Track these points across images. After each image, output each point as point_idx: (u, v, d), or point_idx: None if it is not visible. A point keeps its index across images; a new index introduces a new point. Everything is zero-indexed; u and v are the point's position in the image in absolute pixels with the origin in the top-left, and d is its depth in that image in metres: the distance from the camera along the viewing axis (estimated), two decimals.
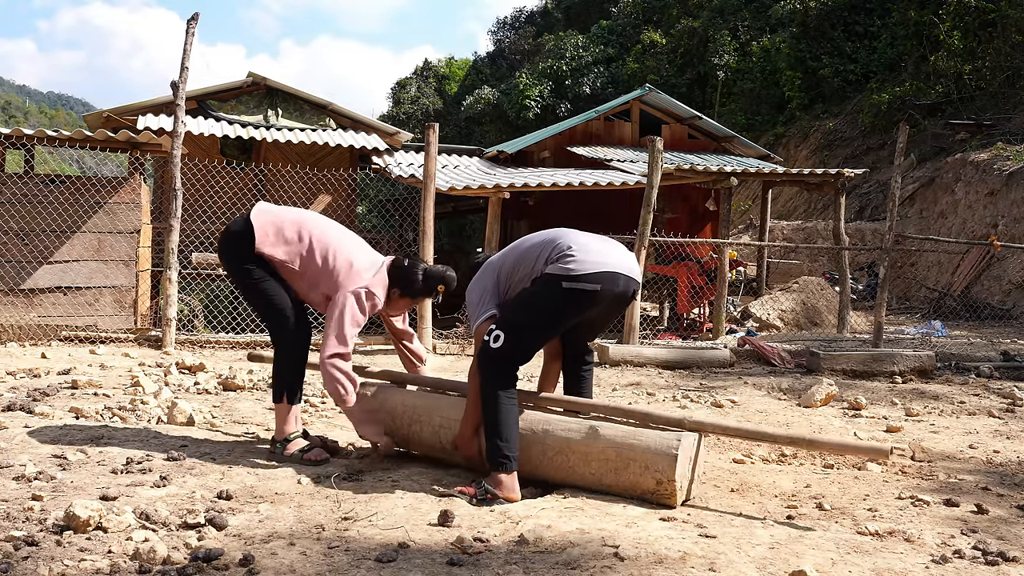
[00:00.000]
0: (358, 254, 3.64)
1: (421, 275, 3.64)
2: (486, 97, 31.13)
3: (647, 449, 3.01)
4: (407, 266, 3.66)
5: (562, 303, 3.22)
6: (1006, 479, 3.64)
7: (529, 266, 3.32)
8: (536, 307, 3.26)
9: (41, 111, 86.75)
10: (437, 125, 8.57)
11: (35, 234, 7.93)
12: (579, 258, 3.21)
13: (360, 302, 3.52)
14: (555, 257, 3.25)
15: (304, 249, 3.57)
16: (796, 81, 23.68)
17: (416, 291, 3.65)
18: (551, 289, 3.20)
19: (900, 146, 8.63)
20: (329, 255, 3.56)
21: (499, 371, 3.20)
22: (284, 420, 3.63)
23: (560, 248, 3.26)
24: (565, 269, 3.19)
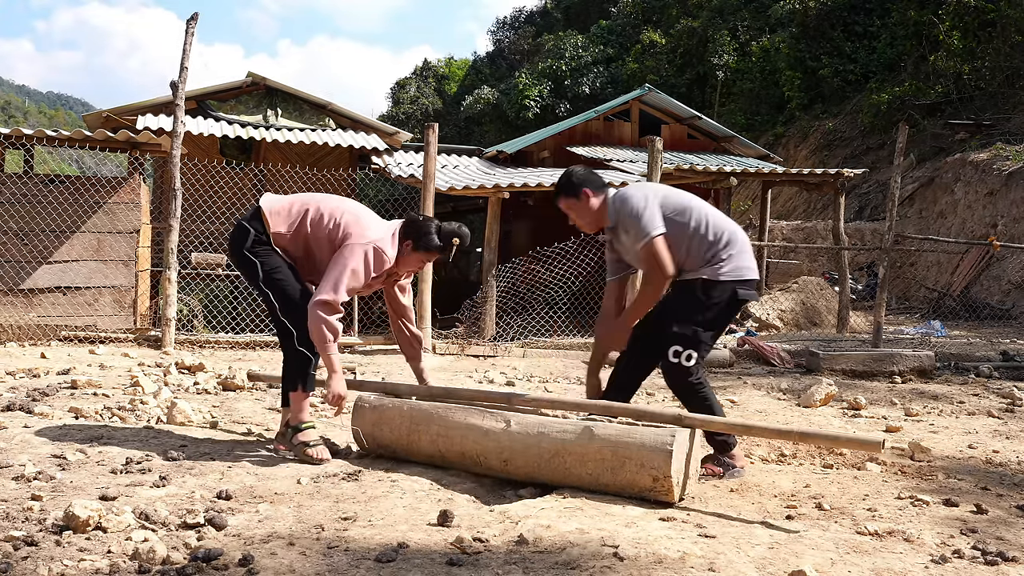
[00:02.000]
0: (366, 215, 3.61)
1: (436, 228, 3.59)
2: (486, 97, 31.12)
3: (642, 447, 3.01)
4: (422, 220, 3.63)
5: (734, 311, 3.49)
6: (1005, 479, 3.64)
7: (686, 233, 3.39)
8: (718, 320, 3.46)
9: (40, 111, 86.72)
10: (437, 125, 8.58)
11: (35, 234, 7.93)
12: (747, 262, 3.45)
13: (366, 257, 3.44)
14: (723, 253, 3.39)
15: (311, 218, 3.54)
16: (796, 81, 23.68)
17: (430, 243, 3.57)
18: (726, 296, 3.40)
19: (900, 146, 8.63)
20: (336, 216, 3.53)
21: (696, 378, 3.44)
22: (300, 408, 3.61)
23: (724, 243, 3.40)
24: (739, 275, 3.39)
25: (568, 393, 5.98)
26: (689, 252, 3.42)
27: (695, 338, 3.43)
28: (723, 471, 3.48)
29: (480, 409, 3.46)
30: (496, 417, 3.36)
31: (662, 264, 3.32)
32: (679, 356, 3.42)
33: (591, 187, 3.51)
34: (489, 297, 9.49)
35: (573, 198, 3.54)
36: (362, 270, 3.44)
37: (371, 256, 3.45)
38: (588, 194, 3.50)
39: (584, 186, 3.51)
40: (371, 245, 3.46)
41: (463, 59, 41.54)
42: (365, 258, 3.44)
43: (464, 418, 3.42)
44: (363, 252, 3.44)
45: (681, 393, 3.53)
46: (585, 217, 3.58)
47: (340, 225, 3.51)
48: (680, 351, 3.41)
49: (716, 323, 3.48)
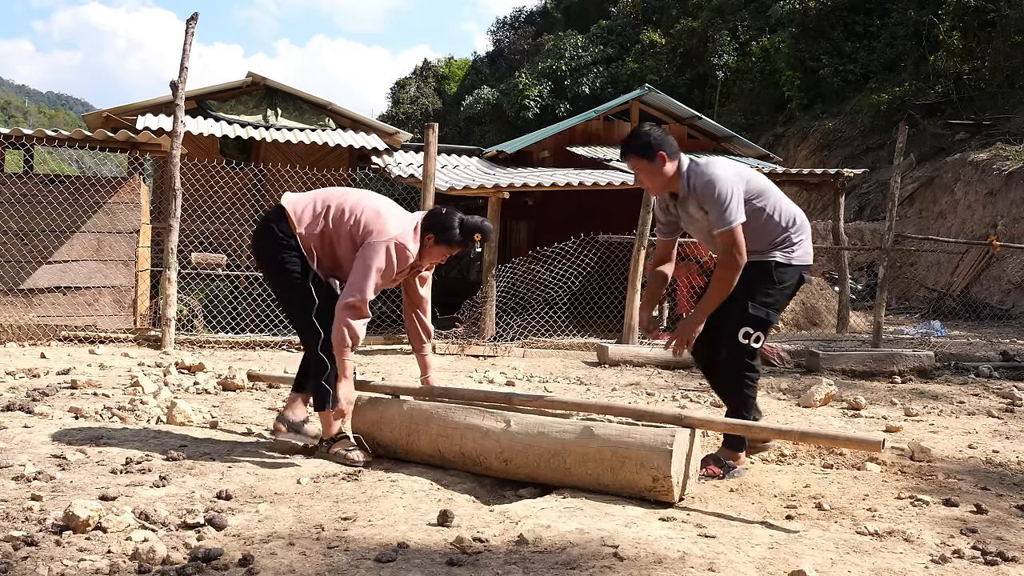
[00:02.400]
0: (388, 209, 3.57)
1: (458, 222, 3.57)
2: (485, 97, 31.12)
3: (642, 446, 3.01)
4: (444, 213, 3.60)
5: (793, 296, 3.50)
6: (1005, 479, 3.64)
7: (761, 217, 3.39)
8: (783, 304, 3.45)
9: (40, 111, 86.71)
10: (436, 125, 8.58)
11: (34, 234, 7.93)
12: (810, 247, 3.47)
13: (388, 254, 3.42)
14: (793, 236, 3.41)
15: (333, 215, 3.52)
16: (795, 81, 23.67)
17: (452, 238, 3.55)
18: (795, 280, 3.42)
19: (899, 146, 8.63)
20: (357, 212, 3.50)
21: (752, 364, 3.41)
22: (330, 424, 3.61)
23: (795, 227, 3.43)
24: (805, 260, 3.44)
25: (568, 393, 5.98)
26: (760, 235, 3.42)
27: (767, 320, 3.43)
28: (723, 472, 3.46)
29: (480, 409, 3.46)
30: (496, 417, 3.36)
31: (741, 253, 3.30)
32: (748, 338, 3.38)
33: (668, 151, 3.40)
34: (489, 297, 9.49)
35: (646, 159, 3.41)
36: (385, 267, 3.43)
37: (393, 252, 3.43)
38: (664, 158, 3.39)
39: (661, 148, 3.39)
40: (392, 241, 3.43)
41: (463, 59, 41.55)
42: (388, 255, 3.42)
43: (464, 418, 3.42)
44: (385, 249, 3.42)
45: (731, 379, 3.48)
46: (654, 181, 3.46)
47: (361, 222, 3.49)
48: (751, 332, 3.38)
49: (781, 306, 3.49)
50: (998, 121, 17.75)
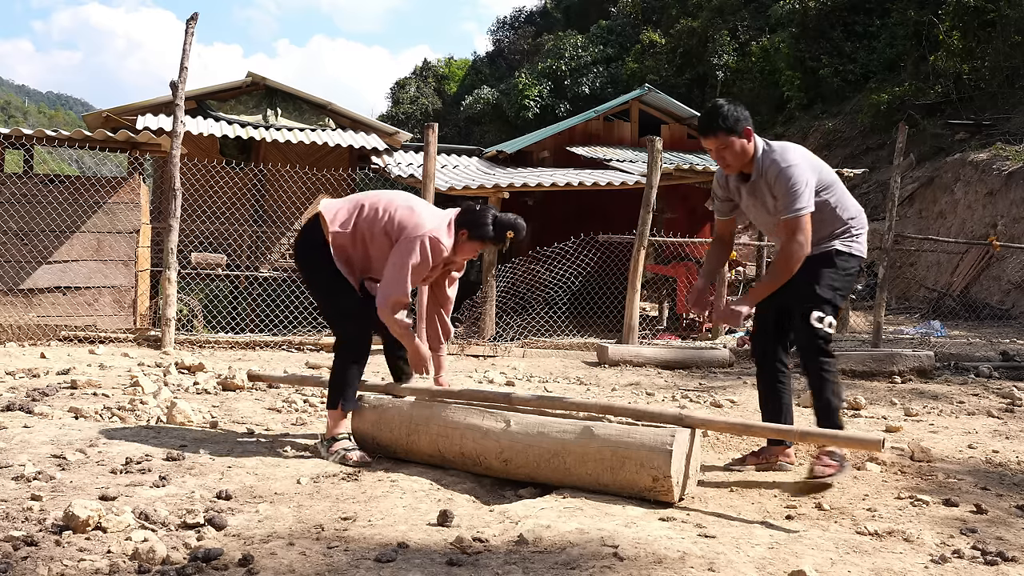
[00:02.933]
0: (421, 205, 3.62)
1: (492, 219, 3.59)
2: (485, 97, 31.12)
3: (642, 447, 3.01)
4: (478, 209, 3.64)
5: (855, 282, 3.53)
6: (1005, 479, 3.64)
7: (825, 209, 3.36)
8: (845, 289, 3.44)
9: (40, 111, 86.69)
10: (436, 125, 8.58)
11: (34, 234, 7.93)
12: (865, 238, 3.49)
13: (423, 248, 3.45)
14: (853, 230, 3.43)
15: (366, 214, 3.57)
16: (795, 81, 23.67)
17: (485, 233, 3.57)
18: (856, 269, 3.43)
19: (899, 146, 8.63)
20: (391, 209, 3.54)
21: (827, 350, 3.39)
22: (336, 423, 3.65)
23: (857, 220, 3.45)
24: (862, 252, 3.45)
25: (568, 393, 5.98)
26: (823, 226, 3.40)
27: (835, 304, 3.39)
28: (840, 463, 3.36)
29: (480, 409, 3.46)
30: (496, 417, 3.36)
31: (807, 240, 3.26)
32: (822, 321, 3.35)
33: (751, 126, 3.36)
34: (489, 297, 9.49)
35: (735, 135, 3.31)
36: (420, 262, 3.46)
37: (428, 246, 3.46)
38: (750, 134, 3.34)
39: (748, 124, 3.33)
40: (427, 235, 3.46)
41: (463, 59, 41.55)
42: (422, 249, 3.45)
43: (464, 418, 3.42)
44: (420, 244, 3.45)
45: (810, 368, 3.44)
46: (736, 158, 3.37)
47: (395, 219, 3.52)
48: (823, 316, 3.34)
49: (846, 293, 3.48)
50: (998, 121, 17.75)
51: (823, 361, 3.41)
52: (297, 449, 3.76)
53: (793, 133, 23.99)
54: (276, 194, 10.93)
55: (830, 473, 3.31)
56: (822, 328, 3.35)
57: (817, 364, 3.41)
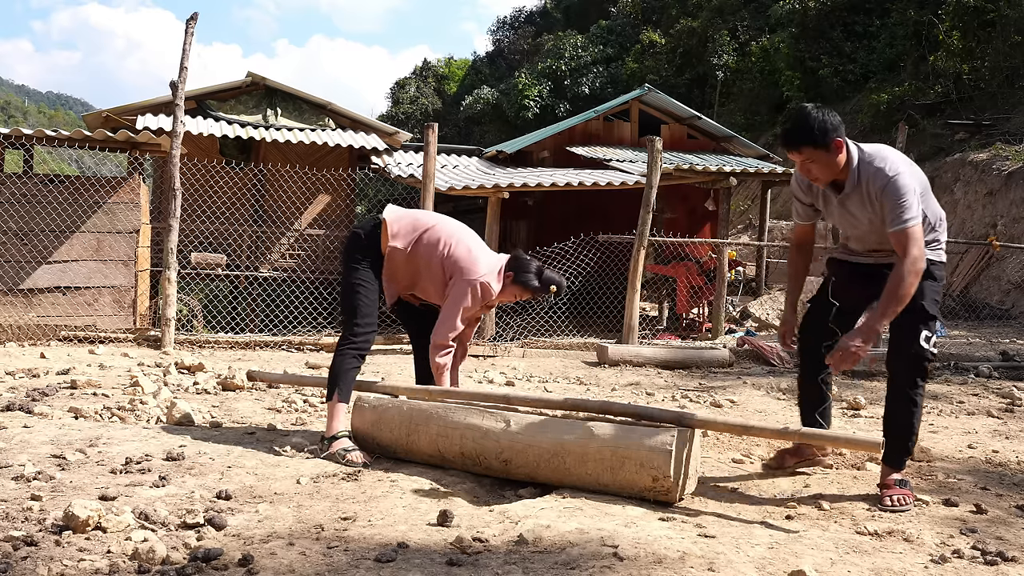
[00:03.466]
0: (478, 247, 3.83)
1: (536, 270, 3.82)
2: (485, 97, 31.12)
3: (641, 447, 3.01)
4: (527, 259, 3.88)
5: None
6: (1005, 479, 3.64)
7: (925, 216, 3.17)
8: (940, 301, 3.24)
9: (40, 111, 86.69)
10: (436, 125, 8.57)
11: (34, 234, 7.93)
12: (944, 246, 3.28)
13: (474, 293, 3.71)
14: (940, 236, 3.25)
15: (427, 239, 3.76)
16: (795, 81, 23.66)
17: (527, 282, 3.79)
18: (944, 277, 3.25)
19: (899, 146, 8.64)
20: (452, 243, 3.76)
21: (927, 371, 3.17)
22: (334, 417, 3.72)
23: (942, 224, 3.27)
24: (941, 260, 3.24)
25: (568, 393, 5.98)
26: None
27: (936, 319, 3.17)
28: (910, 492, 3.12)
29: (479, 409, 3.46)
30: (495, 417, 3.36)
31: (922, 253, 3.01)
32: (929, 341, 3.10)
33: (842, 135, 3.10)
34: None
35: (823, 149, 3.07)
36: (471, 304, 3.73)
37: (479, 292, 3.73)
38: (840, 145, 3.08)
39: (837, 134, 3.07)
40: (479, 281, 3.71)
41: (463, 59, 41.56)
42: (474, 293, 3.72)
43: (463, 418, 3.42)
44: (471, 288, 3.71)
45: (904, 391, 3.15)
46: (825, 172, 3.13)
47: (453, 256, 3.74)
48: (930, 335, 3.10)
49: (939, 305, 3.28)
50: (998, 121, 17.75)
51: (920, 385, 3.15)
52: (297, 449, 3.76)
53: None
54: (276, 194, 10.93)
55: (905, 505, 3.06)
56: (929, 348, 3.09)
57: (914, 388, 3.13)
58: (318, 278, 9.25)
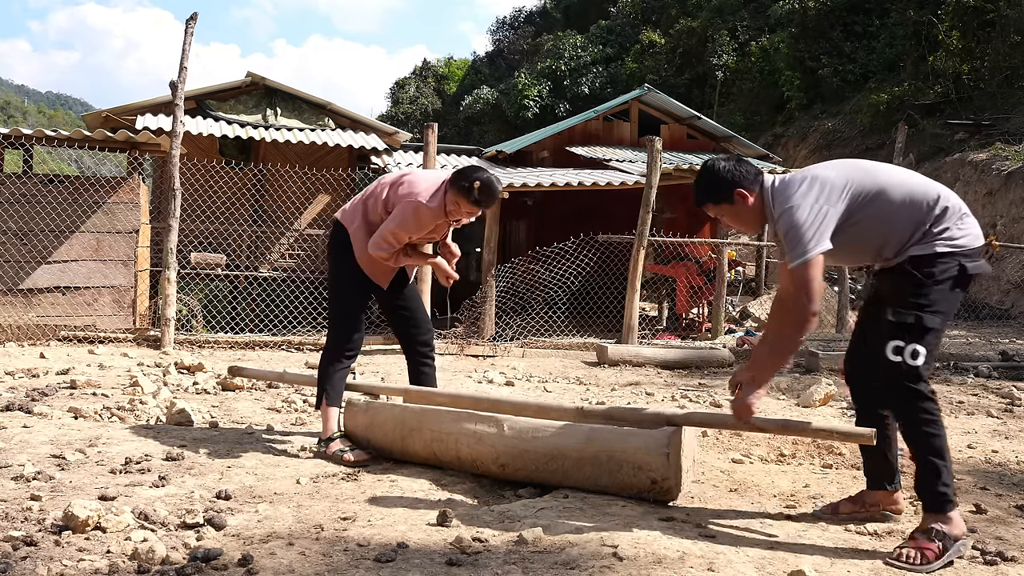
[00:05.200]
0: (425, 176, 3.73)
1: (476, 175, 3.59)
2: (485, 97, 31.13)
3: (638, 449, 3.00)
4: (474, 167, 3.70)
5: (962, 291, 2.67)
6: (1004, 479, 3.64)
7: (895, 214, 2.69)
8: (942, 300, 2.63)
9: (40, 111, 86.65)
10: (436, 125, 8.58)
11: (34, 234, 7.93)
12: (972, 230, 2.69)
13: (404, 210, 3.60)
14: (945, 227, 2.66)
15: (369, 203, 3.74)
16: (795, 81, 23.67)
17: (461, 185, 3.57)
18: (953, 273, 2.63)
19: (899, 146, 8.64)
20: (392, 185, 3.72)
21: (924, 392, 2.62)
22: (327, 419, 3.73)
23: (950, 213, 2.68)
24: (962, 246, 2.65)
25: (567, 393, 5.98)
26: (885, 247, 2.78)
27: (921, 325, 2.67)
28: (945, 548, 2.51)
29: (473, 413, 3.43)
30: (490, 422, 3.33)
31: (812, 298, 2.63)
32: (901, 353, 2.63)
33: (745, 184, 2.80)
34: (488, 297, 9.49)
35: (726, 203, 2.83)
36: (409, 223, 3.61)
37: (411, 210, 3.60)
38: (744, 195, 2.79)
39: (738, 186, 2.80)
40: (410, 200, 3.61)
41: (462, 59, 41.58)
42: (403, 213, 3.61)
43: (457, 423, 3.39)
44: (403, 208, 3.62)
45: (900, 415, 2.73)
46: (743, 221, 2.89)
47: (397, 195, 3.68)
48: (902, 346, 2.63)
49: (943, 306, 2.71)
50: (997, 121, 17.75)
51: (919, 406, 2.64)
52: (296, 449, 3.76)
53: (792, 133, 24.01)
54: (276, 194, 10.93)
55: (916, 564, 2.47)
56: (904, 361, 2.61)
57: (910, 410, 2.65)
58: (318, 278, 9.24)
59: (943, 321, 2.68)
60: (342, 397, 3.81)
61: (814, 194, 2.67)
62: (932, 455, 2.62)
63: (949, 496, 2.60)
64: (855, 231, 2.71)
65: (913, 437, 2.66)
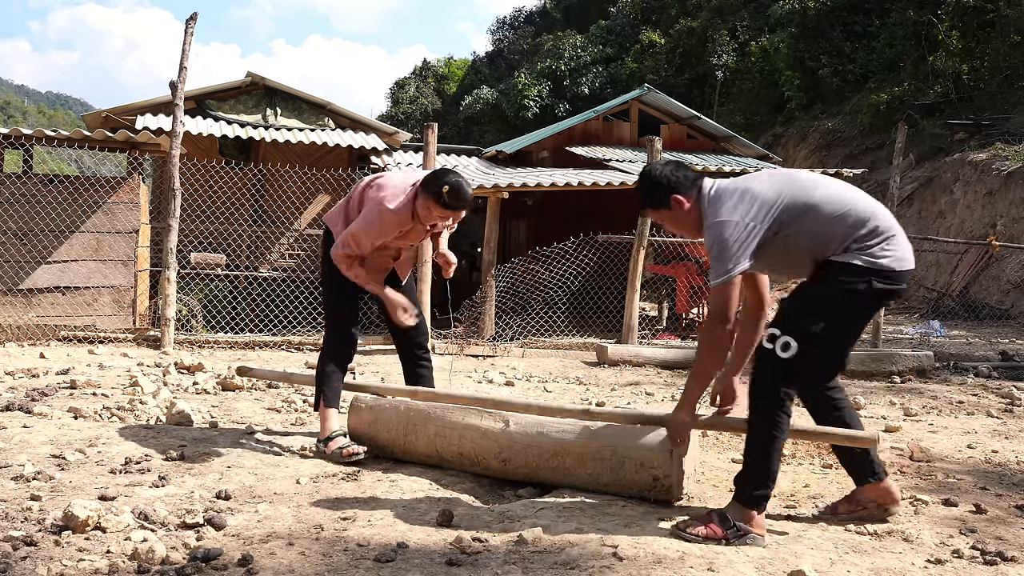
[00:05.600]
0: (387, 180, 3.66)
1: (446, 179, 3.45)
2: (485, 97, 31.15)
3: (641, 446, 3.01)
4: (446, 170, 3.55)
5: (869, 308, 2.68)
6: (1004, 479, 3.64)
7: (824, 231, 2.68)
8: (840, 312, 2.65)
9: (40, 111, 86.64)
10: (436, 125, 8.57)
11: (34, 234, 7.93)
12: (898, 253, 2.67)
13: (369, 215, 3.55)
14: (868, 244, 2.65)
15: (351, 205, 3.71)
16: (795, 81, 23.67)
17: (430, 190, 3.45)
18: (860, 287, 2.62)
19: (899, 146, 8.64)
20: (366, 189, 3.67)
21: (781, 389, 2.67)
22: (325, 419, 3.72)
23: (878, 233, 2.67)
24: (880, 265, 2.63)
25: (567, 393, 5.98)
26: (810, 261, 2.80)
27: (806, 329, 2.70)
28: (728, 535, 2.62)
29: (478, 408, 3.46)
30: (494, 417, 3.36)
31: (726, 318, 2.69)
32: (774, 341, 2.67)
33: (681, 190, 2.82)
34: (488, 297, 9.49)
35: (664, 209, 2.87)
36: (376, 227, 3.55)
37: (377, 214, 3.54)
38: (680, 201, 2.82)
39: (674, 191, 2.82)
40: (377, 206, 3.55)
41: (462, 59, 41.60)
42: (368, 217, 3.56)
43: (462, 418, 3.42)
44: (368, 213, 3.57)
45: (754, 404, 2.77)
46: (683, 227, 2.92)
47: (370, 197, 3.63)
48: (776, 334, 2.68)
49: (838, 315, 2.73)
50: (997, 121, 17.75)
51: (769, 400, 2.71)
52: (296, 449, 3.76)
53: (792, 133, 24.01)
54: (276, 194, 10.93)
55: (697, 536, 2.60)
56: (774, 350, 2.65)
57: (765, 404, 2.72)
58: (318, 278, 9.24)
59: (833, 331, 2.70)
60: (340, 397, 3.81)
61: (742, 210, 2.69)
62: (762, 456, 2.70)
63: (760, 497, 2.68)
64: (786, 243, 2.73)
65: (753, 431, 2.74)
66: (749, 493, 2.68)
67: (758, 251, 2.69)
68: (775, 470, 2.71)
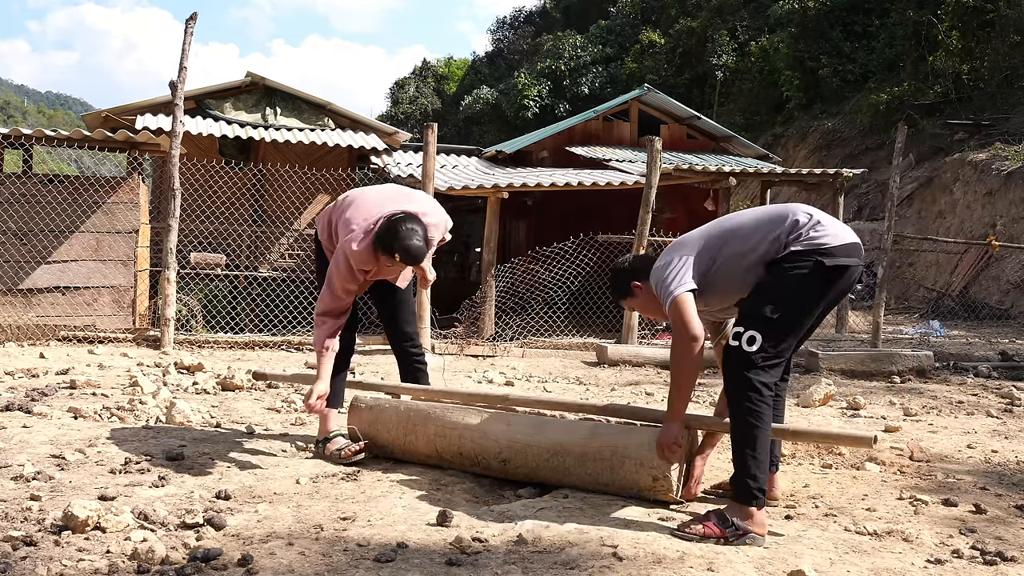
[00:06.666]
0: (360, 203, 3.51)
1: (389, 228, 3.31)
2: (485, 97, 31.14)
3: (641, 446, 3.01)
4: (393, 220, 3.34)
5: (821, 286, 2.78)
6: (1004, 479, 3.64)
7: (749, 242, 2.87)
8: (791, 295, 2.78)
9: (39, 111, 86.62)
10: (436, 125, 8.57)
11: (33, 234, 7.93)
12: (830, 231, 2.81)
13: (336, 260, 3.45)
14: (800, 233, 2.81)
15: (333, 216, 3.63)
16: (794, 81, 23.68)
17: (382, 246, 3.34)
18: (805, 269, 2.76)
19: (898, 146, 8.64)
20: (342, 207, 3.58)
21: (754, 380, 2.73)
22: (324, 420, 3.70)
23: (802, 223, 2.82)
24: (818, 244, 2.77)
25: (567, 393, 5.99)
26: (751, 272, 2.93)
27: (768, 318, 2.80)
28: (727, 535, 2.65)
29: (478, 409, 3.46)
30: (494, 417, 3.36)
31: (689, 327, 2.82)
32: (740, 338, 2.79)
33: (639, 276, 3.10)
34: (488, 297, 9.49)
35: (630, 297, 3.17)
36: (343, 271, 3.43)
37: (342, 259, 3.42)
38: (639, 287, 3.10)
39: (632, 279, 3.12)
40: (343, 247, 3.43)
41: (462, 59, 41.60)
42: (336, 262, 3.45)
43: (462, 418, 3.42)
44: (336, 257, 3.47)
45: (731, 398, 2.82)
46: (652, 310, 3.16)
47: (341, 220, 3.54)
48: (741, 331, 2.80)
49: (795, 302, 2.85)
50: (997, 121, 17.76)
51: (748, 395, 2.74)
52: (296, 449, 3.76)
53: (792, 133, 24.02)
54: (275, 194, 10.93)
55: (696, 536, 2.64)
56: (741, 346, 2.76)
57: (741, 398, 2.75)
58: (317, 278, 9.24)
59: (793, 314, 2.81)
60: (339, 398, 3.80)
61: (670, 255, 2.99)
62: (747, 446, 2.74)
63: (753, 491, 2.70)
64: (725, 271, 2.92)
65: (735, 424, 2.80)
66: (742, 488, 2.73)
67: (704, 281, 2.90)
68: (765, 462, 2.76)
